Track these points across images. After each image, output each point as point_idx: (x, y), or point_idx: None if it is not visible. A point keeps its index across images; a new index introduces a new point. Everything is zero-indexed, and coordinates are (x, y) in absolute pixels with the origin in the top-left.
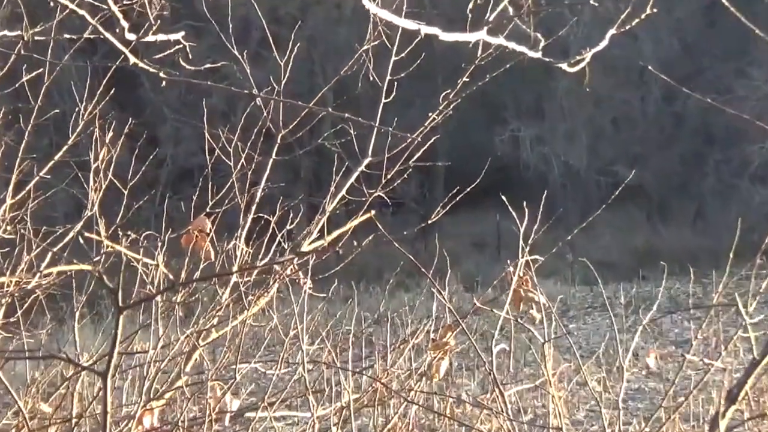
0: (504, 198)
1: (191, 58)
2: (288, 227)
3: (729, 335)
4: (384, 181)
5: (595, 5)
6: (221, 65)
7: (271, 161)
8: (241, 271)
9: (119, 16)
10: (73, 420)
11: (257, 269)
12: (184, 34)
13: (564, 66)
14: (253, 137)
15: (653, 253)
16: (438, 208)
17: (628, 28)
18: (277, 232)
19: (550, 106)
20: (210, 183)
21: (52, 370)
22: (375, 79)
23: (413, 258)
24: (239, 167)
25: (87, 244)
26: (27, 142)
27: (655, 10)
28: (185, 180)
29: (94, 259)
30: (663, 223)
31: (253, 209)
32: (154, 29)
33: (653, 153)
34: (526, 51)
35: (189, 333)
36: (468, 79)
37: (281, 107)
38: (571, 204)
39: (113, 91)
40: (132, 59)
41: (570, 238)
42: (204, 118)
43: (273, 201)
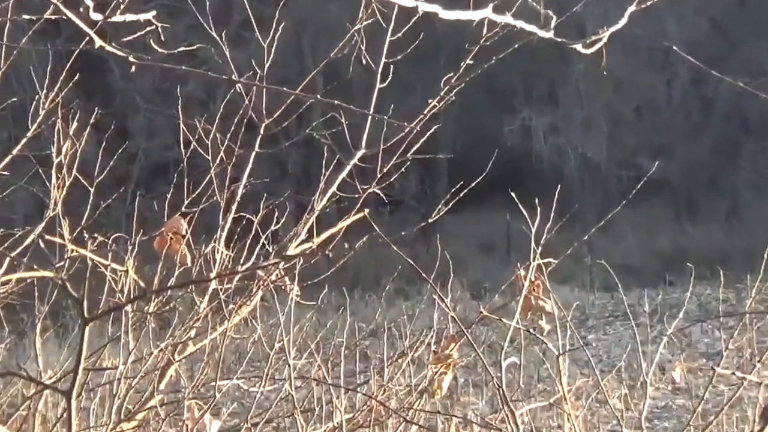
0: (514, 195)
1: (164, 40)
2: (273, 228)
3: (765, 346)
4: (380, 176)
5: None
6: (198, 48)
7: (254, 154)
8: (221, 277)
9: None
10: None
11: (239, 274)
12: (156, 13)
13: (579, 47)
14: (234, 128)
15: (681, 255)
16: (440, 205)
17: (650, 3)
18: (261, 233)
19: (564, 91)
20: (186, 179)
21: (11, 388)
22: (369, 62)
23: (413, 262)
24: (218, 161)
25: (49, 248)
26: None
27: None
28: (159, 176)
29: (57, 265)
30: (691, 222)
31: (234, 208)
32: (122, 8)
33: (680, 143)
34: (536, 30)
35: (163, 346)
36: (472, 62)
37: (265, 94)
38: (589, 200)
39: (78, 78)
40: (98, 42)
41: (587, 238)
42: (179, 107)
43: (256, 199)
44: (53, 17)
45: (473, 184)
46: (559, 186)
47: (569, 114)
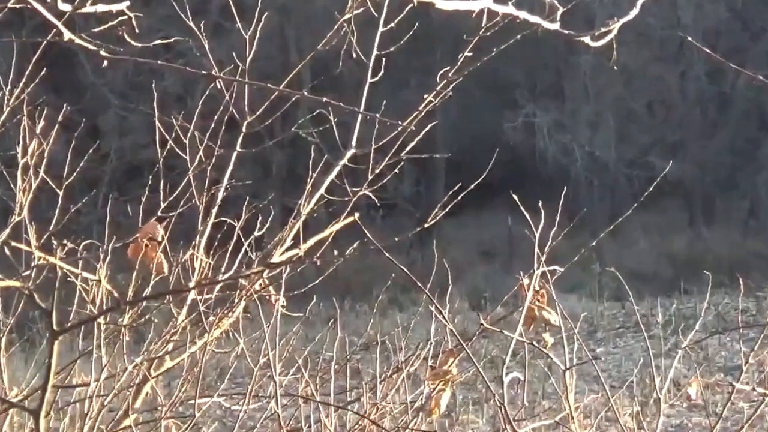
0: (516, 197)
1: (139, 32)
2: (256, 234)
3: None
4: (371, 178)
5: None
6: (175, 40)
7: (236, 154)
8: (201, 287)
9: None
10: None
11: (220, 283)
12: (129, 3)
13: (587, 39)
14: (214, 126)
15: (696, 262)
16: (437, 209)
17: None
18: (244, 239)
19: (571, 85)
20: (162, 181)
21: None
22: (359, 55)
23: (407, 270)
24: (197, 162)
25: (15, 255)
26: None
27: None
28: (133, 178)
29: (23, 274)
30: (708, 225)
31: (214, 212)
32: None
33: (695, 141)
34: (541, 22)
35: (138, 362)
36: (471, 54)
37: (247, 90)
38: (598, 203)
39: (45, 72)
40: (67, 34)
41: (596, 244)
42: (155, 103)
43: (238, 202)
44: (18, 6)
45: (472, 185)
46: (565, 187)
47: (576, 109)
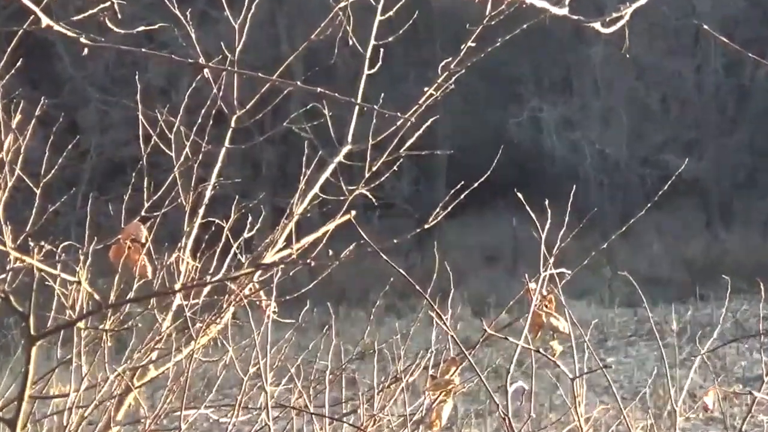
0: (521, 197)
1: (121, 18)
2: (246, 235)
3: None
4: (368, 176)
5: None
6: (160, 27)
7: (224, 151)
8: (187, 290)
9: None
10: None
11: (207, 285)
12: None
13: (597, 26)
14: (201, 120)
15: (714, 266)
16: (437, 209)
17: None
18: (233, 241)
19: (580, 79)
20: (146, 179)
21: None
22: (356, 45)
23: (406, 274)
24: (183, 159)
25: None
26: None
27: None
28: (114, 176)
29: None
30: (726, 228)
31: (202, 212)
32: None
33: (712, 138)
34: (548, 7)
35: (120, 371)
36: (474, 44)
37: (236, 81)
38: (609, 204)
39: (21, 64)
40: (45, 20)
41: (607, 246)
42: (138, 97)
43: (227, 201)
44: None
45: (475, 185)
46: (574, 187)
47: (585, 105)
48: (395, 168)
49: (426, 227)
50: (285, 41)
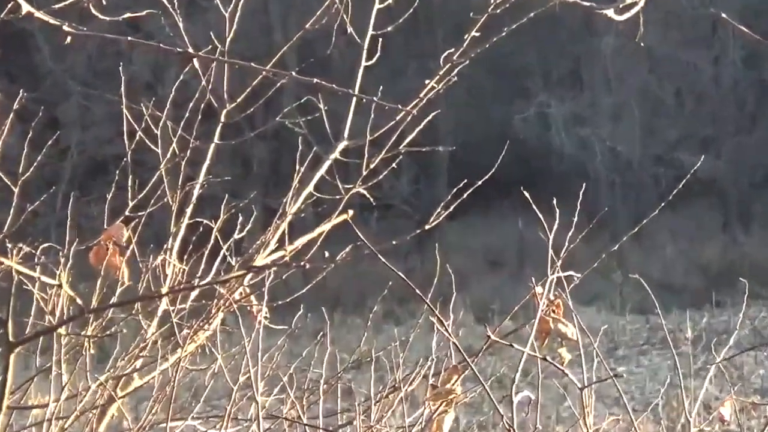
0: (528, 196)
1: (105, 4)
2: (236, 236)
3: None
4: (366, 174)
5: None
6: (146, 14)
7: (213, 147)
8: (173, 293)
9: None
10: None
11: (195, 289)
12: None
13: (610, 13)
14: (189, 115)
15: (731, 271)
16: (438, 210)
17: None
18: (222, 242)
19: (590, 72)
20: (130, 178)
21: None
22: (353, 35)
23: (406, 278)
24: (170, 156)
25: None
26: None
27: None
28: (96, 175)
29: None
30: (744, 230)
31: (189, 212)
32: None
33: (730, 135)
34: None
35: (103, 380)
36: (478, 34)
37: (226, 73)
38: (620, 204)
39: None
40: (26, 6)
41: (618, 249)
42: (122, 90)
43: (216, 201)
44: None
45: (478, 183)
46: (584, 186)
47: (596, 100)
48: (394, 165)
49: (426, 228)
50: (278, 31)
